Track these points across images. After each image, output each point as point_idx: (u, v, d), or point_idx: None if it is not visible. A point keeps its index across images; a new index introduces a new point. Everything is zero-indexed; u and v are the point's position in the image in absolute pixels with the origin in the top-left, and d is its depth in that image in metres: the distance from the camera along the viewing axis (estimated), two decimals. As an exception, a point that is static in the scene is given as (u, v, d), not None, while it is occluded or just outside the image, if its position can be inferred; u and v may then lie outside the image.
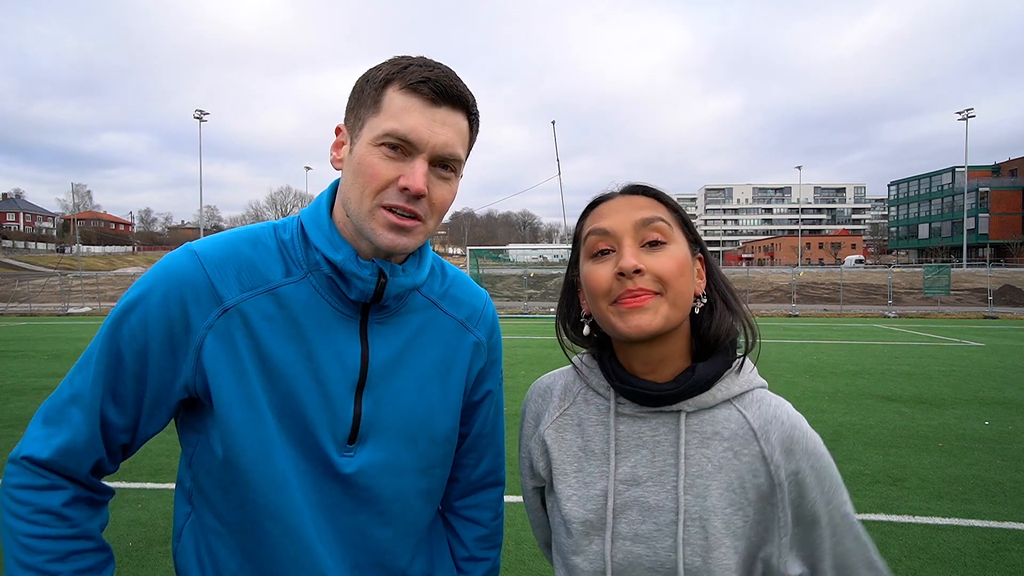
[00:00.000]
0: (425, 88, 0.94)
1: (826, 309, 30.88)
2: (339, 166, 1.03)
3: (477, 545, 1.23)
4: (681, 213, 1.02)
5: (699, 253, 1.04)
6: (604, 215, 1.00)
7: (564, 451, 1.06)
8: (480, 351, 1.18)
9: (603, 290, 0.96)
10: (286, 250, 1.03)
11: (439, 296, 1.14)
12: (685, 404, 0.97)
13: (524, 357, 12.35)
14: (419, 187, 0.93)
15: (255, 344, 0.97)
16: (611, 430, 1.01)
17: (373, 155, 0.94)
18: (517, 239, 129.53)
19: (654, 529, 0.95)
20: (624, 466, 0.99)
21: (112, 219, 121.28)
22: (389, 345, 1.06)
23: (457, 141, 0.97)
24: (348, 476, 1.02)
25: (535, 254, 49.77)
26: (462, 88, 0.98)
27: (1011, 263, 58.89)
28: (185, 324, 0.97)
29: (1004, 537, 4.05)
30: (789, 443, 0.95)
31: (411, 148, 0.94)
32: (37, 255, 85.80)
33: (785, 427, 0.96)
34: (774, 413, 0.97)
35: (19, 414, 7.49)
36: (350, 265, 0.98)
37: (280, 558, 1.00)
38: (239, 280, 0.99)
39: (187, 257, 0.99)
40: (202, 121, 56.71)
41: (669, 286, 0.93)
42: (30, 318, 26.85)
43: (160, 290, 0.97)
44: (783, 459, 0.94)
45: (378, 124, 0.94)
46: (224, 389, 0.97)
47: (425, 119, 0.94)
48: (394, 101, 0.94)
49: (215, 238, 1.04)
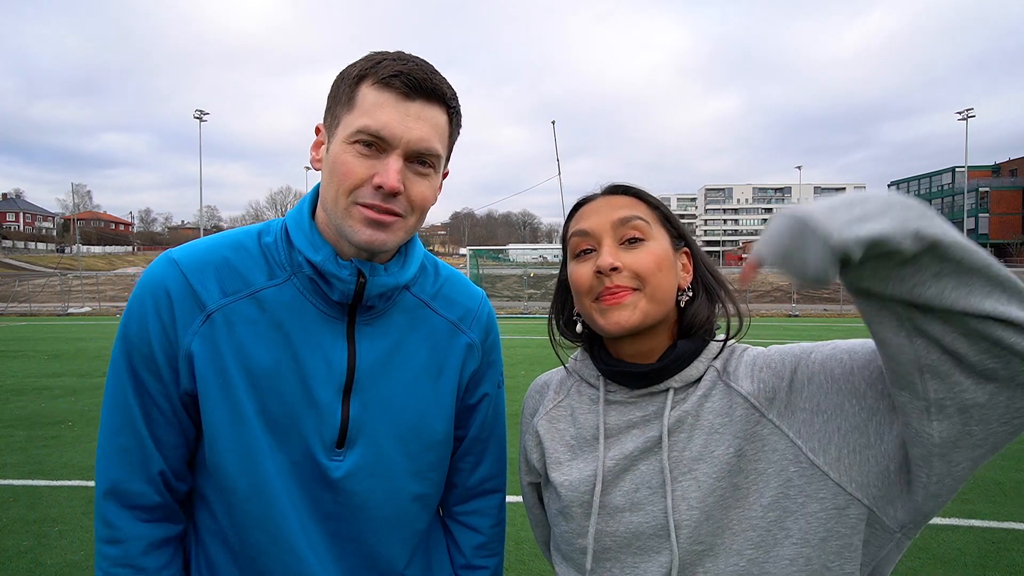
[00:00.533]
0: (397, 82, 0.91)
1: (826, 309, 30.87)
2: (318, 166, 1.01)
3: (475, 553, 1.21)
4: (663, 209, 1.04)
5: (684, 247, 1.05)
6: (585, 216, 1.03)
7: (557, 440, 1.06)
8: (473, 352, 1.15)
9: (585, 288, 0.99)
10: (269, 253, 1.02)
11: (431, 296, 1.12)
12: (672, 381, 0.99)
13: (524, 357, 12.35)
14: (393, 184, 0.91)
15: (239, 349, 0.97)
16: (600, 416, 1.02)
17: (347, 153, 0.93)
18: (517, 239, 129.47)
19: (648, 494, 0.95)
20: (614, 448, 1.00)
21: (112, 219, 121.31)
22: (376, 346, 1.04)
23: (434, 135, 0.95)
24: (338, 480, 1.00)
25: (535, 254, 49.77)
26: (438, 81, 0.95)
27: (1011, 263, 58.81)
28: (174, 332, 0.96)
29: (1004, 537, 4.05)
30: (750, 369, 0.96)
31: (385, 144, 0.92)
32: (37, 255, 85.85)
33: (746, 357, 0.98)
34: (737, 353, 1.00)
35: (19, 414, 7.49)
36: (329, 265, 0.97)
37: (270, 564, 0.99)
38: (220, 285, 0.98)
39: (166, 266, 0.99)
40: (202, 121, 56.67)
41: (647, 282, 0.96)
42: (30, 318, 26.85)
43: (146, 303, 0.97)
44: (752, 385, 0.94)
45: (351, 121, 0.93)
46: (210, 396, 0.96)
47: (398, 114, 0.91)
48: (367, 97, 0.92)
49: (195, 244, 1.03)
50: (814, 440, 0.87)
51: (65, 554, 3.76)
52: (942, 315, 0.69)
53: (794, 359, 0.93)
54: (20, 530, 4.09)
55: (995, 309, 0.66)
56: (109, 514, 0.99)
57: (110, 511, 0.99)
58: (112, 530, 0.99)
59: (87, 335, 17.79)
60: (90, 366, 11.46)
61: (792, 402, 0.90)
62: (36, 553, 3.77)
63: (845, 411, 0.85)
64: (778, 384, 0.92)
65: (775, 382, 0.92)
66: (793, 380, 0.91)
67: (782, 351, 0.96)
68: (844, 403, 0.86)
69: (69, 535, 4.02)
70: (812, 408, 0.88)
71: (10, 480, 5.12)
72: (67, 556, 3.73)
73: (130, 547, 0.98)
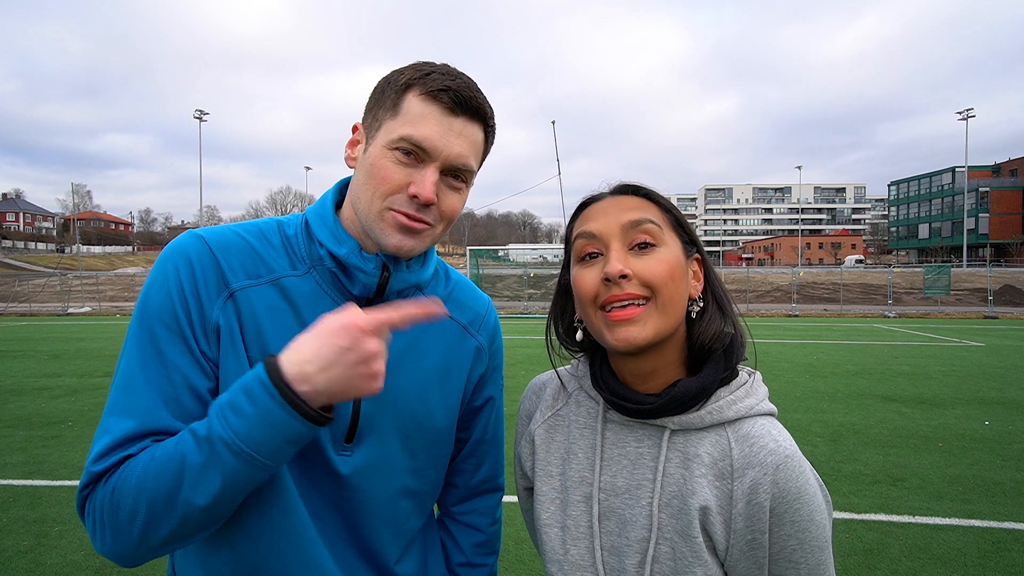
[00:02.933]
0: (445, 97, 0.93)
1: (826, 309, 30.85)
2: (353, 164, 1.02)
3: (475, 551, 1.22)
4: (675, 213, 0.98)
5: (696, 254, 1.00)
6: (592, 217, 0.97)
7: (551, 452, 1.05)
8: (481, 356, 1.17)
9: (590, 295, 0.93)
10: (290, 245, 1.02)
11: (443, 299, 1.13)
12: (669, 421, 0.93)
13: (524, 357, 12.34)
14: (428, 196, 0.93)
15: (259, 334, 0.96)
16: (598, 435, 1.00)
17: (386, 158, 0.94)
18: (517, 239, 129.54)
19: (625, 544, 0.93)
20: (606, 474, 0.98)
21: (112, 219, 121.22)
22: (391, 344, 1.05)
23: (471, 152, 0.97)
24: (344, 474, 1.01)
25: (535, 254, 49.73)
26: (481, 100, 0.97)
27: (1011, 263, 58.88)
28: (202, 301, 0.94)
29: (1004, 537, 4.05)
30: (771, 500, 0.86)
31: (424, 155, 0.94)
32: (37, 255, 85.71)
33: (766, 473, 0.87)
34: (760, 457, 0.89)
35: (19, 414, 7.49)
36: (354, 259, 0.98)
37: (272, 556, 0.99)
38: (244, 268, 0.98)
39: (195, 240, 0.98)
40: (202, 121, 56.68)
41: (658, 291, 0.90)
42: (30, 318, 26.83)
43: (175, 268, 0.94)
44: (752, 511, 0.87)
45: (394, 128, 0.94)
46: (229, 376, 0.94)
47: (441, 128, 0.93)
48: (413, 107, 0.94)
49: (219, 227, 1.03)
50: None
51: (65, 554, 3.76)
52: None
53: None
54: (20, 530, 4.09)
55: None
56: (127, 447, 0.86)
57: (130, 445, 0.86)
58: (137, 420, 0.86)
59: (87, 335, 17.78)
60: (90, 366, 11.45)
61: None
62: (36, 553, 3.77)
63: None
64: (738, 555, 0.89)
65: (739, 548, 0.89)
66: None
67: (818, 537, 0.88)
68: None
69: (69, 535, 4.02)
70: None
71: (10, 480, 5.12)
72: (67, 556, 3.73)
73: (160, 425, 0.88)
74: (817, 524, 0.87)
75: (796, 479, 0.87)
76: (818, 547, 0.88)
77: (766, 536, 0.87)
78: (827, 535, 0.89)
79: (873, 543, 3.98)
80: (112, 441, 0.86)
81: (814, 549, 0.88)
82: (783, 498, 0.86)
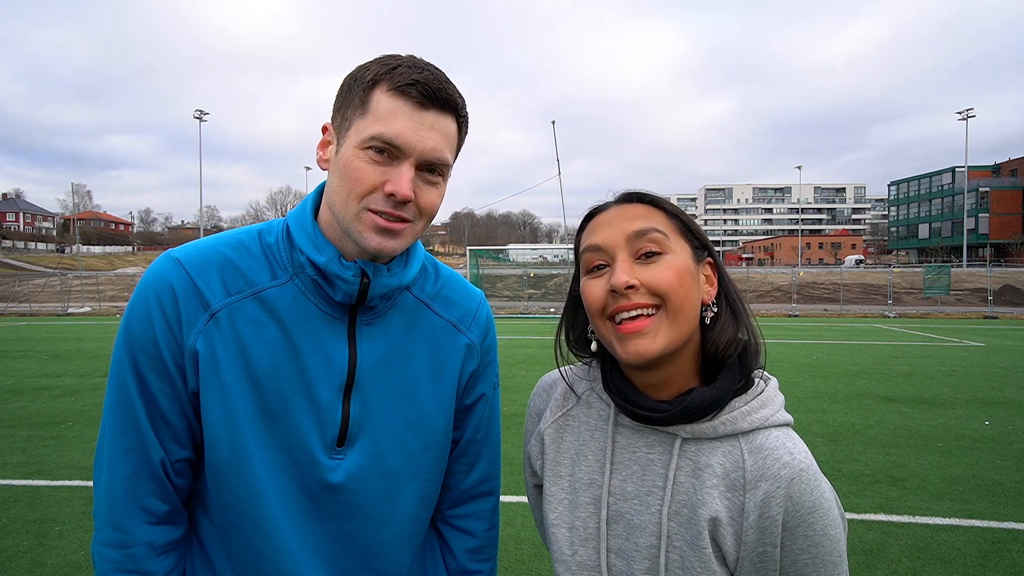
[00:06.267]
0: (414, 91, 0.91)
1: (826, 309, 30.85)
2: (325, 166, 1.01)
3: (468, 557, 1.19)
4: (682, 218, 0.97)
5: (708, 258, 0.98)
6: (597, 229, 0.96)
7: (561, 452, 1.04)
8: (473, 353, 1.15)
9: (598, 307, 0.93)
10: (271, 253, 1.01)
11: (431, 297, 1.12)
12: (680, 429, 0.93)
13: (524, 357, 12.34)
14: (405, 193, 0.92)
15: (242, 349, 0.96)
16: (609, 439, 0.99)
17: (359, 158, 0.92)
18: (517, 239, 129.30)
19: (633, 549, 0.93)
20: (616, 478, 0.97)
21: (112, 219, 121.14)
22: (377, 346, 1.04)
23: (445, 145, 0.95)
24: (337, 480, 1.00)
25: (535, 254, 49.62)
26: (452, 90, 0.95)
27: (1011, 263, 58.82)
28: (180, 331, 0.96)
29: (1004, 537, 4.05)
30: (784, 514, 0.86)
31: (398, 152, 0.92)
32: (37, 255, 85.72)
33: (779, 486, 0.86)
34: (774, 470, 0.87)
35: (19, 414, 7.49)
36: (333, 266, 0.97)
37: (263, 565, 0.99)
38: (224, 284, 0.98)
39: (170, 265, 0.98)
40: (202, 121, 56.68)
41: (667, 298, 0.89)
42: (30, 318, 26.83)
43: (150, 302, 0.96)
44: (764, 524, 0.86)
45: (365, 127, 0.92)
46: (210, 396, 0.96)
47: (413, 123, 0.91)
48: (382, 103, 0.91)
49: (197, 243, 1.02)
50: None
51: (65, 554, 3.76)
52: None
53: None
54: (20, 530, 4.09)
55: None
56: (114, 517, 0.97)
57: (116, 513, 0.97)
58: (119, 533, 0.97)
59: (87, 335, 17.77)
60: (90, 366, 11.44)
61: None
62: (36, 553, 3.77)
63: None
64: (748, 567, 0.88)
65: (749, 560, 0.87)
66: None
67: (832, 551, 0.87)
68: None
69: (69, 535, 4.01)
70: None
71: (10, 480, 5.12)
72: (67, 556, 3.73)
73: (136, 551, 0.97)
74: (831, 539, 0.86)
75: (810, 493, 0.86)
76: (831, 562, 0.87)
77: (777, 550, 0.86)
78: (841, 550, 0.88)
79: (873, 543, 3.97)
80: (102, 540, 0.98)
81: (827, 564, 0.87)
82: (796, 512, 0.85)
